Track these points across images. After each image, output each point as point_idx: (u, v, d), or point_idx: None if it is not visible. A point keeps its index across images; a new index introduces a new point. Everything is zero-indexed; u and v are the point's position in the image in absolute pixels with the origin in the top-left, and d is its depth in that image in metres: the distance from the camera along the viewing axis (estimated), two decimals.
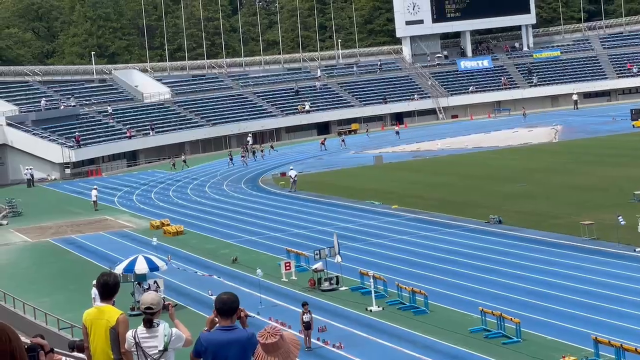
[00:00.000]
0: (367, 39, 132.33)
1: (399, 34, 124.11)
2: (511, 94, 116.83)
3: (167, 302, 9.61)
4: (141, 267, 34.76)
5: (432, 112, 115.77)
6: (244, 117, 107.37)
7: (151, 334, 9.03)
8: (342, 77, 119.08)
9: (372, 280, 33.80)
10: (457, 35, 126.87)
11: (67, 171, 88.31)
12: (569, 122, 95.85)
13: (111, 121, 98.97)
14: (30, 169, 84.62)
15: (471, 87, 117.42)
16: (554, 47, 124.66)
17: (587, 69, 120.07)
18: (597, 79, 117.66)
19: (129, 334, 9.12)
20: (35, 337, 8.83)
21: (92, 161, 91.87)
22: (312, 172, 74.50)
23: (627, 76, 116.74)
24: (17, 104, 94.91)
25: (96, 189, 66.91)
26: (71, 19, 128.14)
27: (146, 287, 33.96)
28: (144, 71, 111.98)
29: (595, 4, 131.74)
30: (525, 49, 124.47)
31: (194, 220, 56.64)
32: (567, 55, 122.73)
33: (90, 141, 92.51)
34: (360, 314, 32.65)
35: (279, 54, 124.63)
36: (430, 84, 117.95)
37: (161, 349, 8.98)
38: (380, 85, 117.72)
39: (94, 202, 64.81)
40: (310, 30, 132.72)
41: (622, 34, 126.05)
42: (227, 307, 8.40)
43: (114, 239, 52.56)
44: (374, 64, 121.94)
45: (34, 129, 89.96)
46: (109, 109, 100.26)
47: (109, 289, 9.55)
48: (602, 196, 51.17)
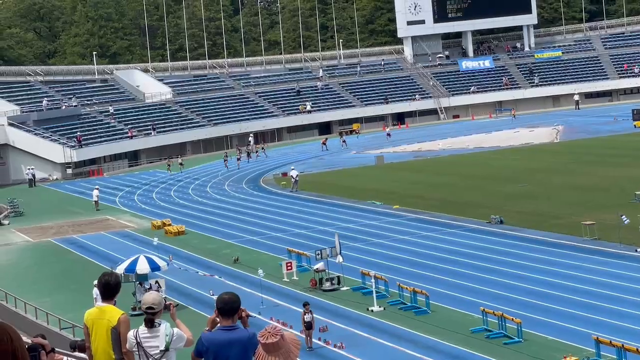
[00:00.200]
0: (368, 39, 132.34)
1: (400, 34, 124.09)
2: (512, 94, 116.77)
3: (168, 302, 9.62)
4: (142, 267, 34.78)
5: (433, 112, 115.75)
6: (246, 117, 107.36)
7: (152, 334, 9.04)
8: (343, 77, 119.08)
9: (373, 280, 33.82)
10: (459, 35, 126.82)
11: (69, 171, 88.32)
12: (570, 122, 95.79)
13: (112, 121, 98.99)
14: (31, 169, 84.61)
15: (472, 87, 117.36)
16: (555, 47, 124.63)
17: (589, 69, 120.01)
18: (599, 79, 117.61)
19: (131, 334, 9.13)
20: (36, 337, 8.84)
21: (93, 161, 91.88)
22: (314, 172, 74.49)
23: (629, 76, 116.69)
24: (19, 104, 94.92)
25: (98, 189, 66.90)
26: (73, 19, 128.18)
27: (147, 287, 33.97)
28: (146, 71, 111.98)
29: (596, 4, 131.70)
30: (526, 49, 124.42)
31: (196, 220, 56.65)
32: (568, 55, 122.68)
33: (91, 141, 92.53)
34: (361, 314, 32.66)
35: (281, 54, 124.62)
36: (431, 84, 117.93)
37: (162, 349, 8.99)
38: (381, 85, 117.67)
39: (95, 202, 64.83)
40: (311, 30, 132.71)
41: (623, 34, 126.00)
42: (229, 307, 8.41)
43: (116, 239, 52.58)
44: (376, 64, 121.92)
45: (35, 129, 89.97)
46: (111, 109, 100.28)
47: (110, 289, 9.55)
48: (603, 196, 51.15)
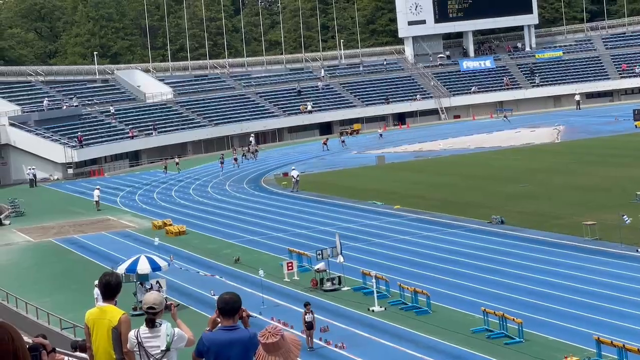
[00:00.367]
0: (369, 39, 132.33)
1: (401, 34, 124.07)
2: (513, 94, 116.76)
3: (169, 302, 9.63)
4: (143, 267, 34.78)
5: (434, 112, 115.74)
6: (246, 118, 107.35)
7: (153, 333, 9.04)
8: (344, 77, 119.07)
9: (374, 280, 33.81)
10: (460, 35, 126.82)
11: (70, 171, 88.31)
12: (571, 123, 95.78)
13: (113, 121, 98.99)
14: (32, 169, 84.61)
15: (473, 88, 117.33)
16: (556, 47, 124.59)
17: (590, 69, 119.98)
18: (600, 79, 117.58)
19: (132, 334, 9.14)
20: (37, 336, 8.84)
21: (94, 161, 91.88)
22: (315, 172, 74.49)
23: (630, 76, 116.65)
24: (20, 104, 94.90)
25: (99, 189, 66.90)
26: (74, 19, 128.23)
27: (148, 287, 33.97)
28: (147, 71, 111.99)
29: (597, 4, 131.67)
30: (527, 49, 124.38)
31: (196, 220, 56.65)
32: (569, 55, 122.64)
33: (92, 141, 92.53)
34: (362, 314, 32.65)
35: (281, 54, 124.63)
36: (432, 84, 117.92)
37: (163, 348, 8.99)
38: (382, 85, 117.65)
39: (96, 202, 64.83)
40: (312, 30, 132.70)
41: (624, 34, 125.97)
42: (230, 307, 8.41)
43: (117, 239, 52.58)
44: (377, 64, 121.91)
45: (36, 129, 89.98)
46: (112, 109, 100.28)
47: (111, 289, 9.55)
48: (604, 196, 51.13)
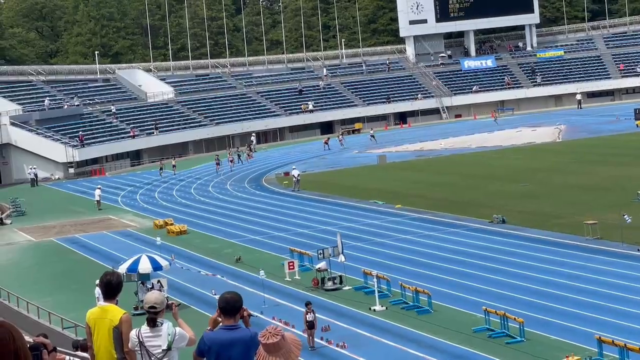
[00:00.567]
0: (370, 39, 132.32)
1: (402, 34, 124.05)
2: (515, 94, 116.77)
3: (170, 302, 9.62)
4: (145, 267, 34.75)
5: (435, 111, 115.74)
6: (248, 117, 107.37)
7: (155, 333, 9.04)
8: (345, 76, 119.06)
9: (375, 279, 33.80)
10: (461, 34, 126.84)
11: (71, 170, 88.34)
12: (572, 122, 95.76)
13: (115, 121, 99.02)
14: (34, 169, 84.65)
15: (475, 87, 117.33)
16: (557, 46, 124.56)
17: (591, 68, 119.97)
18: (601, 79, 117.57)
19: (133, 333, 9.13)
20: (38, 336, 8.83)
21: (95, 161, 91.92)
22: (316, 172, 74.49)
23: (631, 76, 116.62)
24: (21, 104, 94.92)
25: (100, 188, 66.89)
26: (75, 18, 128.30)
27: (149, 286, 33.95)
28: (148, 71, 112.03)
29: (598, 4, 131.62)
30: (528, 48, 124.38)
31: (198, 219, 56.64)
32: (570, 54, 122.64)
33: (93, 141, 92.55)
34: (363, 313, 32.63)
35: (283, 53, 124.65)
36: (434, 84, 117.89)
37: (165, 348, 8.99)
38: (383, 84, 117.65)
39: (98, 201, 64.84)
40: (313, 29, 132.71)
41: (625, 33, 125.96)
42: (231, 307, 8.41)
43: (118, 239, 52.58)
44: (378, 63, 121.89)
45: (37, 129, 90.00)
46: (113, 109, 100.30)
47: (112, 289, 9.55)
48: (605, 196, 51.10)
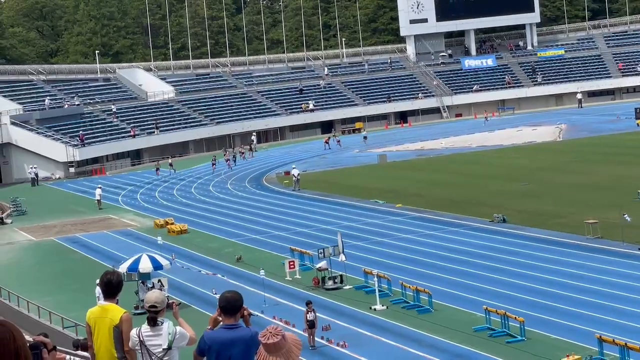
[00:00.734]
0: (371, 38, 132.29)
1: (403, 33, 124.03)
2: (515, 93, 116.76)
3: (171, 301, 9.62)
4: (145, 266, 34.75)
5: (436, 110, 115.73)
6: (248, 116, 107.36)
7: (155, 332, 9.04)
8: (346, 75, 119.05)
9: (376, 279, 33.80)
10: (461, 34, 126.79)
11: (71, 170, 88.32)
12: (573, 121, 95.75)
13: (115, 120, 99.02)
14: (34, 168, 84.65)
15: (475, 86, 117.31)
16: (558, 45, 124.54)
17: (591, 67, 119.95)
18: (602, 78, 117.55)
19: (133, 333, 9.13)
20: (38, 335, 8.84)
21: (96, 160, 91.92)
22: (316, 171, 74.49)
23: (632, 75, 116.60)
24: (22, 103, 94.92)
25: (100, 187, 66.90)
26: (75, 17, 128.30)
27: (150, 285, 33.95)
28: (148, 70, 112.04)
29: (599, 3, 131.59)
30: (529, 47, 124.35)
31: (198, 219, 56.64)
32: (571, 53, 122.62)
33: (94, 140, 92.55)
34: (364, 312, 32.63)
35: (283, 52, 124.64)
36: (435, 83, 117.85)
37: (165, 347, 8.99)
38: (384, 84, 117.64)
39: (98, 200, 64.85)
40: (314, 29, 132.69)
41: (626, 32, 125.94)
42: (231, 306, 8.40)
43: (118, 238, 52.59)
44: (379, 62, 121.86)
45: (38, 128, 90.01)
46: (113, 108, 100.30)
47: (112, 288, 9.55)
48: (606, 195, 51.08)
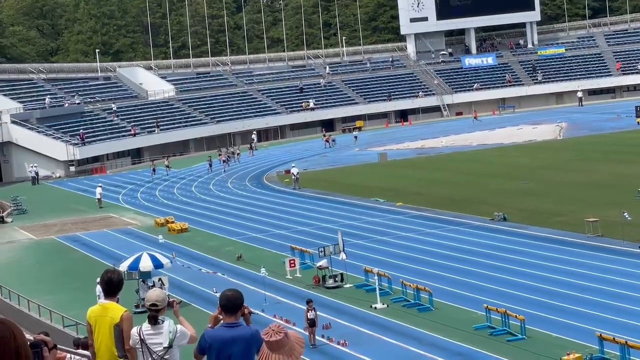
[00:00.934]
0: (371, 36, 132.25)
1: (403, 31, 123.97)
2: (516, 91, 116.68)
3: (171, 300, 9.63)
4: (146, 265, 34.76)
5: (436, 109, 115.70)
6: (248, 115, 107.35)
7: (156, 330, 9.05)
8: (346, 74, 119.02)
9: (376, 277, 33.81)
10: (462, 32, 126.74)
11: (72, 169, 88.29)
12: (573, 119, 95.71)
13: (115, 119, 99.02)
14: (34, 167, 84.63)
15: (475, 84, 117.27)
16: (558, 44, 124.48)
17: (592, 65, 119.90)
18: (602, 76, 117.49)
19: (134, 331, 9.14)
20: (39, 334, 8.84)
21: (96, 159, 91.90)
22: (317, 170, 74.49)
23: (632, 73, 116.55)
24: (22, 102, 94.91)
25: (101, 186, 66.92)
26: (75, 16, 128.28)
27: (151, 284, 33.96)
28: (148, 69, 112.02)
29: (599, 1, 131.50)
30: (529, 46, 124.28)
31: (199, 217, 56.64)
32: (571, 52, 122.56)
33: (94, 139, 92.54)
34: (364, 311, 32.63)
35: (284, 51, 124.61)
36: (436, 82, 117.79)
37: (166, 345, 9.00)
38: (384, 82, 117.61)
39: (99, 199, 64.85)
40: (314, 27, 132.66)
41: (626, 30, 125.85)
42: (232, 304, 8.41)
43: (119, 237, 52.59)
44: (379, 61, 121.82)
45: (38, 127, 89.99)
46: (114, 107, 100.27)
47: (113, 286, 9.56)
48: (606, 193, 51.08)
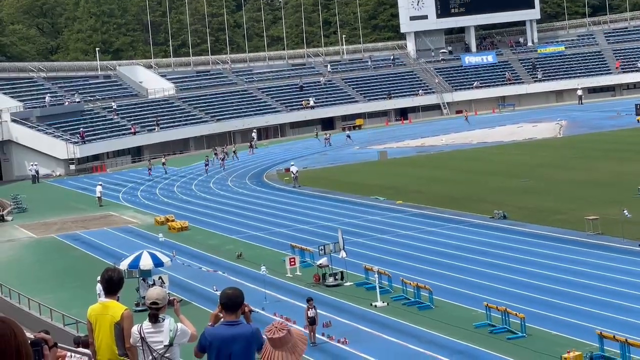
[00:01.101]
0: (371, 35, 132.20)
1: (403, 30, 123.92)
2: (515, 89, 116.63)
3: (172, 298, 9.64)
4: (146, 263, 34.78)
5: (436, 107, 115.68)
6: (248, 113, 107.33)
7: (156, 329, 9.05)
8: (346, 72, 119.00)
9: (376, 275, 33.84)
10: (462, 30, 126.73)
11: (72, 167, 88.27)
12: (573, 117, 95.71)
13: (115, 117, 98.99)
14: (35, 165, 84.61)
15: (475, 83, 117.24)
16: (558, 42, 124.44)
17: (592, 64, 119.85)
18: (602, 74, 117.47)
19: (135, 329, 9.15)
20: (39, 332, 8.85)
21: (96, 157, 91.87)
22: (317, 168, 74.50)
23: (632, 71, 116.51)
24: (22, 100, 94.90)
25: (101, 184, 66.94)
26: (75, 15, 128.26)
27: (151, 282, 33.98)
28: (148, 67, 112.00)
29: None
30: (529, 44, 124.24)
31: (199, 216, 56.66)
32: (571, 50, 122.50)
33: (94, 137, 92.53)
34: (364, 309, 32.66)
35: (283, 49, 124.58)
36: (437, 81, 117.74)
37: (166, 344, 9.00)
38: (384, 80, 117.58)
39: (99, 198, 64.86)
40: (314, 25, 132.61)
41: (626, 28, 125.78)
42: (232, 302, 8.41)
43: (119, 235, 52.60)
44: (379, 59, 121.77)
45: (38, 125, 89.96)
46: (114, 105, 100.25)
47: (113, 285, 9.57)
48: (606, 191, 51.11)
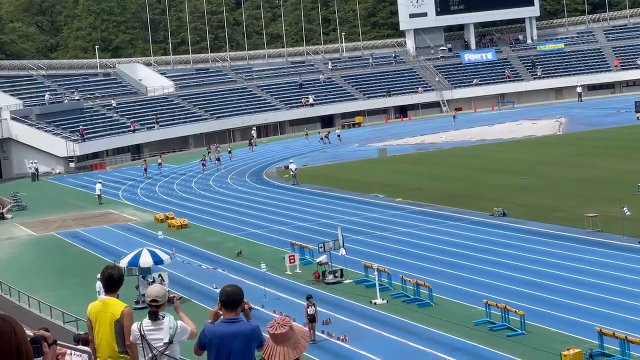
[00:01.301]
0: (370, 32, 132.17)
1: (402, 27, 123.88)
2: (515, 87, 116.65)
3: (172, 295, 9.65)
4: (145, 261, 34.78)
5: (436, 104, 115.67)
6: (248, 111, 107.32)
7: (156, 326, 9.06)
8: (346, 70, 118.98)
9: (376, 273, 33.85)
10: (461, 28, 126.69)
11: (72, 165, 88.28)
12: (572, 115, 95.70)
13: (115, 115, 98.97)
14: (34, 163, 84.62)
15: (475, 80, 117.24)
16: (557, 39, 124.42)
17: (591, 61, 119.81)
18: (601, 71, 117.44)
19: (135, 327, 9.16)
20: (39, 330, 8.86)
21: (96, 155, 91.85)
22: (316, 165, 74.50)
23: (631, 68, 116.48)
24: (21, 98, 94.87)
25: (100, 182, 66.96)
26: (75, 12, 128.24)
27: (151, 280, 33.99)
28: (148, 65, 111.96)
29: None
30: (529, 41, 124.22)
31: (198, 213, 56.67)
32: (571, 47, 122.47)
33: (94, 135, 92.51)
34: (364, 306, 32.68)
35: (283, 47, 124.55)
36: (437, 80, 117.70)
37: (166, 341, 9.01)
38: (384, 78, 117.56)
39: (98, 195, 64.86)
40: (313, 23, 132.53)
41: (626, 26, 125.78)
42: (232, 300, 8.42)
43: (119, 233, 52.61)
44: (379, 57, 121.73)
45: (38, 123, 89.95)
46: (113, 103, 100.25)
47: (113, 282, 9.58)
48: (606, 188, 51.10)
